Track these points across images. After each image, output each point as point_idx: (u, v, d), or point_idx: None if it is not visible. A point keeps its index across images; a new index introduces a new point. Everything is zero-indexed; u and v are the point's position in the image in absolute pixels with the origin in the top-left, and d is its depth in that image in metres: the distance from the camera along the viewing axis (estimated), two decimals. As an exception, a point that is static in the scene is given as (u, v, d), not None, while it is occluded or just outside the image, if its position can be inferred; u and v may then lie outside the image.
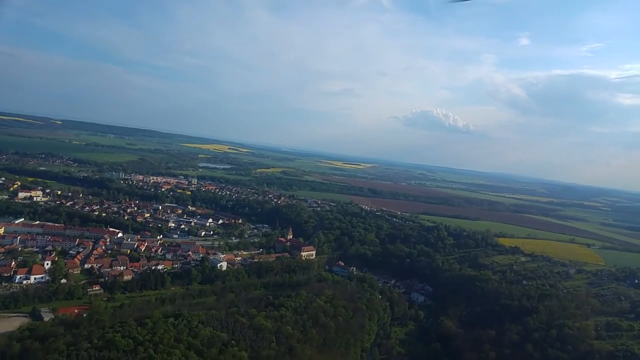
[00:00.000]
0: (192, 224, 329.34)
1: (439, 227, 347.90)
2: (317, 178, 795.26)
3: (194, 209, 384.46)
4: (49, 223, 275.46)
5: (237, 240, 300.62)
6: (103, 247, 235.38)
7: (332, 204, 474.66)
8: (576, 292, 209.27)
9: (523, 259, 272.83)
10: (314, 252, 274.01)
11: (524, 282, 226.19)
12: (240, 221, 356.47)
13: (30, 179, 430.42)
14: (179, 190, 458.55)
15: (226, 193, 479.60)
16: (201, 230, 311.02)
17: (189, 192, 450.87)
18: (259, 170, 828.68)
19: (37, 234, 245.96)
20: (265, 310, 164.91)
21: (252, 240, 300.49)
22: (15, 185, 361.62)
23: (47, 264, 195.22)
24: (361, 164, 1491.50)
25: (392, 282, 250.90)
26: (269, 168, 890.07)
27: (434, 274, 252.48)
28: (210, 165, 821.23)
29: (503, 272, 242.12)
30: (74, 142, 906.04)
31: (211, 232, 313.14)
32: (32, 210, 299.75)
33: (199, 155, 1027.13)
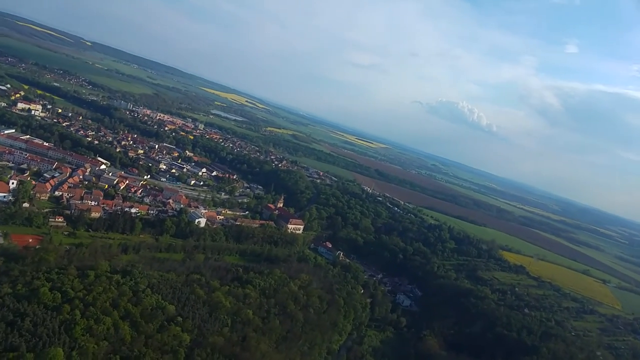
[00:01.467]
0: (184, 170, 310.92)
1: (442, 227, 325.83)
2: (326, 148, 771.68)
3: (191, 154, 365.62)
4: (36, 140, 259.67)
5: (226, 196, 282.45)
6: (81, 177, 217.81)
7: (333, 178, 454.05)
8: (587, 337, 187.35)
9: (528, 281, 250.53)
10: (301, 227, 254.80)
11: (526, 310, 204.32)
12: (234, 177, 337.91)
13: (38, 92, 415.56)
14: (182, 133, 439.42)
15: (229, 145, 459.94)
16: (191, 179, 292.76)
17: (192, 137, 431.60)
18: (269, 128, 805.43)
19: (20, 148, 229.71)
20: (230, 284, 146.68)
21: (240, 200, 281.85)
22: (18, 95, 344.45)
23: (13, 183, 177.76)
24: (374, 143, 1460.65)
25: (379, 276, 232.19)
26: (280, 128, 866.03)
27: (426, 277, 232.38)
28: (222, 114, 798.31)
29: (503, 293, 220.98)
30: (96, 65, 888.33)
31: (201, 183, 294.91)
32: (26, 124, 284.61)
33: (215, 102, 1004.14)
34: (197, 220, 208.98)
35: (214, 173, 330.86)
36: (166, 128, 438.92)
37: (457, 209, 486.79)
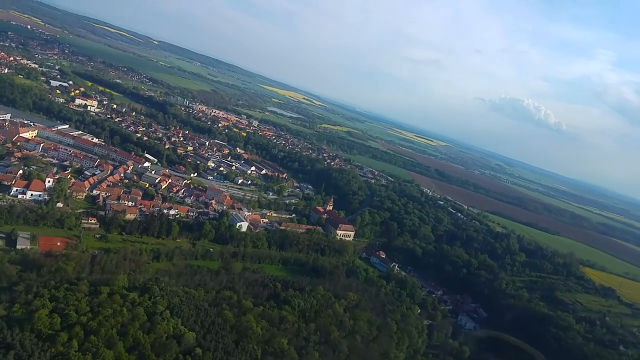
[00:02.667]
0: (233, 168, 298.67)
1: (510, 236, 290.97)
2: (382, 146, 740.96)
3: (241, 152, 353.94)
4: (85, 136, 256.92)
5: (274, 197, 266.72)
6: (122, 175, 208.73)
7: (390, 178, 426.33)
8: None
9: (620, 308, 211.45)
10: (352, 233, 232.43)
11: (622, 347, 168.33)
12: (284, 175, 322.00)
13: (100, 88, 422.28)
14: (234, 130, 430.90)
15: (281, 142, 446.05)
16: (239, 177, 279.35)
17: (244, 134, 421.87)
18: (324, 125, 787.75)
19: (67, 145, 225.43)
20: (265, 304, 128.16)
21: (288, 201, 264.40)
22: (77, 92, 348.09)
23: (49, 181, 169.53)
24: (434, 140, 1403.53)
25: (439, 293, 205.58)
26: (335, 125, 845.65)
27: (493, 295, 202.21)
28: (278, 111, 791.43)
29: (591, 323, 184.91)
30: (160, 63, 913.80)
31: (249, 182, 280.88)
32: (80, 119, 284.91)
33: (272, 99, 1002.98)
34: (238, 224, 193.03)
35: (263, 171, 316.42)
36: (219, 124, 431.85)
37: (525, 214, 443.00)
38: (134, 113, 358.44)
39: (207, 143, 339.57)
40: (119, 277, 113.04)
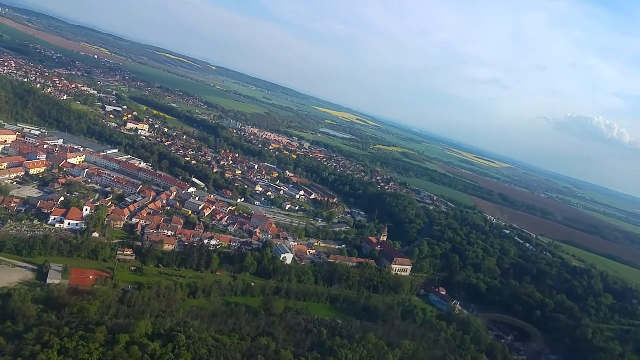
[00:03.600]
0: (281, 192, 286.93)
1: (591, 272, 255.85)
2: (440, 168, 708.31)
3: (291, 175, 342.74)
4: (133, 160, 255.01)
5: (323, 224, 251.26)
6: (164, 201, 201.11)
7: (450, 204, 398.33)
8: None
9: None
10: (409, 268, 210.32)
11: None
12: (334, 200, 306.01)
13: (154, 112, 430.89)
14: (285, 152, 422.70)
15: (332, 165, 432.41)
16: (287, 203, 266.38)
17: (295, 156, 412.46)
18: (378, 146, 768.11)
19: (113, 170, 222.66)
20: (307, 355, 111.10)
21: (338, 229, 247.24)
22: (130, 116, 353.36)
23: (87, 209, 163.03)
24: (495, 162, 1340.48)
25: (509, 338, 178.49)
26: (389, 146, 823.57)
27: (577, 346, 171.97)
28: (331, 133, 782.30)
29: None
30: (217, 87, 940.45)
31: (297, 208, 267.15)
32: (130, 143, 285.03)
33: (325, 121, 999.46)
34: (282, 256, 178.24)
35: (313, 196, 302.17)
36: (270, 147, 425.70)
37: (604, 245, 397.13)
38: (185, 137, 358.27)
39: (256, 166, 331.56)
40: (141, 324, 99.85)
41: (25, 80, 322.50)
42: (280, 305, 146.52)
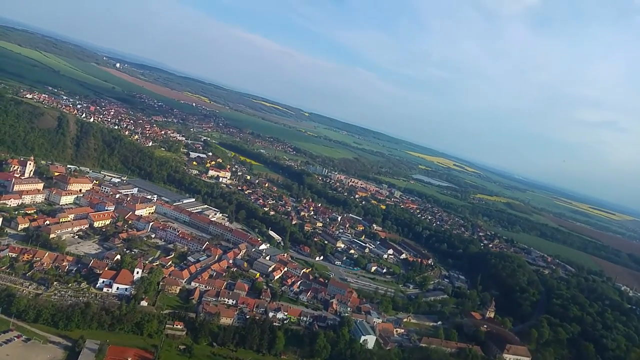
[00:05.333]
0: (366, 250, 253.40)
1: None
2: (551, 220, 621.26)
3: (378, 229, 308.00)
4: (208, 211, 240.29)
5: (415, 290, 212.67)
6: (230, 261, 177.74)
7: (568, 267, 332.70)
8: None
9: None
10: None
11: None
12: (429, 261, 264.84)
13: (241, 158, 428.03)
14: (372, 201, 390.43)
15: (426, 217, 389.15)
16: (372, 264, 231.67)
17: (383, 207, 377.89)
18: (478, 195, 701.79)
19: (183, 222, 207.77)
20: None
21: (433, 298, 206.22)
22: (212, 163, 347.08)
23: (138, 272, 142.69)
24: (616, 214, 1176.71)
25: None
26: (491, 195, 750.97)
27: None
28: (425, 179, 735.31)
29: None
30: (308, 133, 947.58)
31: (384, 270, 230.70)
32: (208, 192, 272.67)
33: (419, 166, 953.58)
34: (363, 338, 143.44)
35: (403, 255, 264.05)
36: (356, 195, 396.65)
37: None
38: (267, 184, 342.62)
39: (339, 218, 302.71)
40: None
41: (116, 127, 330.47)
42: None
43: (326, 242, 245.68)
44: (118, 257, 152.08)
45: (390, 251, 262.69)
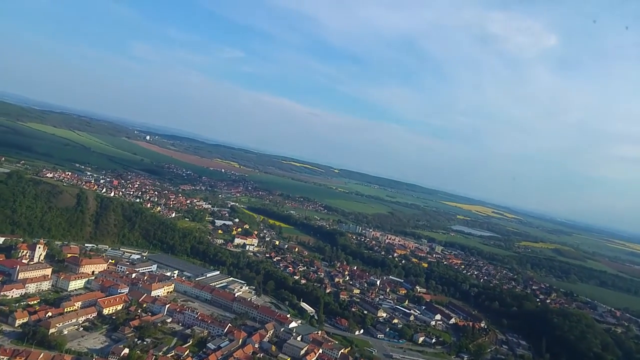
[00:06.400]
0: (411, 318, 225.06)
1: None
2: (608, 266, 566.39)
3: (422, 291, 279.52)
4: (233, 284, 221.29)
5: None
6: (256, 345, 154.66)
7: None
8: None
9: None
10: None
11: None
12: (482, 324, 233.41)
13: (270, 221, 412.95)
14: (413, 260, 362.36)
15: (472, 273, 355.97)
16: (420, 334, 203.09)
17: (425, 265, 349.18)
18: (523, 243, 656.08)
19: (204, 301, 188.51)
20: None
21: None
22: (238, 230, 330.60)
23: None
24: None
25: None
26: (536, 242, 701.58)
27: None
28: (465, 230, 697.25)
29: None
30: (339, 189, 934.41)
31: (433, 340, 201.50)
32: (234, 262, 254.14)
33: (457, 216, 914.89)
34: None
35: (453, 320, 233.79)
36: (395, 254, 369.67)
37: None
38: (297, 248, 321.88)
39: (378, 282, 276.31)
40: None
41: (137, 200, 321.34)
42: None
43: (365, 311, 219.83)
44: (126, 350, 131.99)
45: (438, 316, 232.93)
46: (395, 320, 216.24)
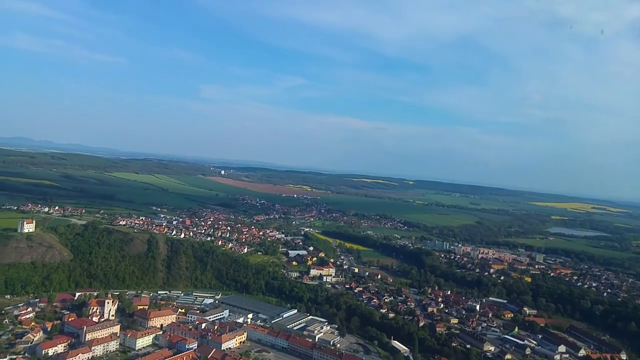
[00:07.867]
0: (527, 351, 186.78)
1: None
2: None
3: (532, 313, 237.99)
4: (313, 324, 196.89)
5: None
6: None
7: None
8: None
9: None
10: None
11: None
12: (622, 355, 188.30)
13: (347, 245, 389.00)
14: (513, 274, 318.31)
15: (590, 285, 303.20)
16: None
17: (528, 279, 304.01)
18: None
19: (281, 348, 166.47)
20: None
21: None
22: (314, 259, 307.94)
23: None
24: None
25: None
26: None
27: None
28: (566, 232, 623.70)
29: None
30: (417, 202, 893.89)
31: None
32: (312, 298, 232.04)
33: (551, 217, 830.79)
34: None
35: (582, 352, 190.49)
36: (491, 270, 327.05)
37: None
38: (379, 275, 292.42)
39: (477, 307, 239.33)
40: None
41: (209, 238, 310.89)
42: None
43: (468, 345, 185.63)
44: None
45: (562, 347, 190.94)
46: (508, 356, 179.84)
